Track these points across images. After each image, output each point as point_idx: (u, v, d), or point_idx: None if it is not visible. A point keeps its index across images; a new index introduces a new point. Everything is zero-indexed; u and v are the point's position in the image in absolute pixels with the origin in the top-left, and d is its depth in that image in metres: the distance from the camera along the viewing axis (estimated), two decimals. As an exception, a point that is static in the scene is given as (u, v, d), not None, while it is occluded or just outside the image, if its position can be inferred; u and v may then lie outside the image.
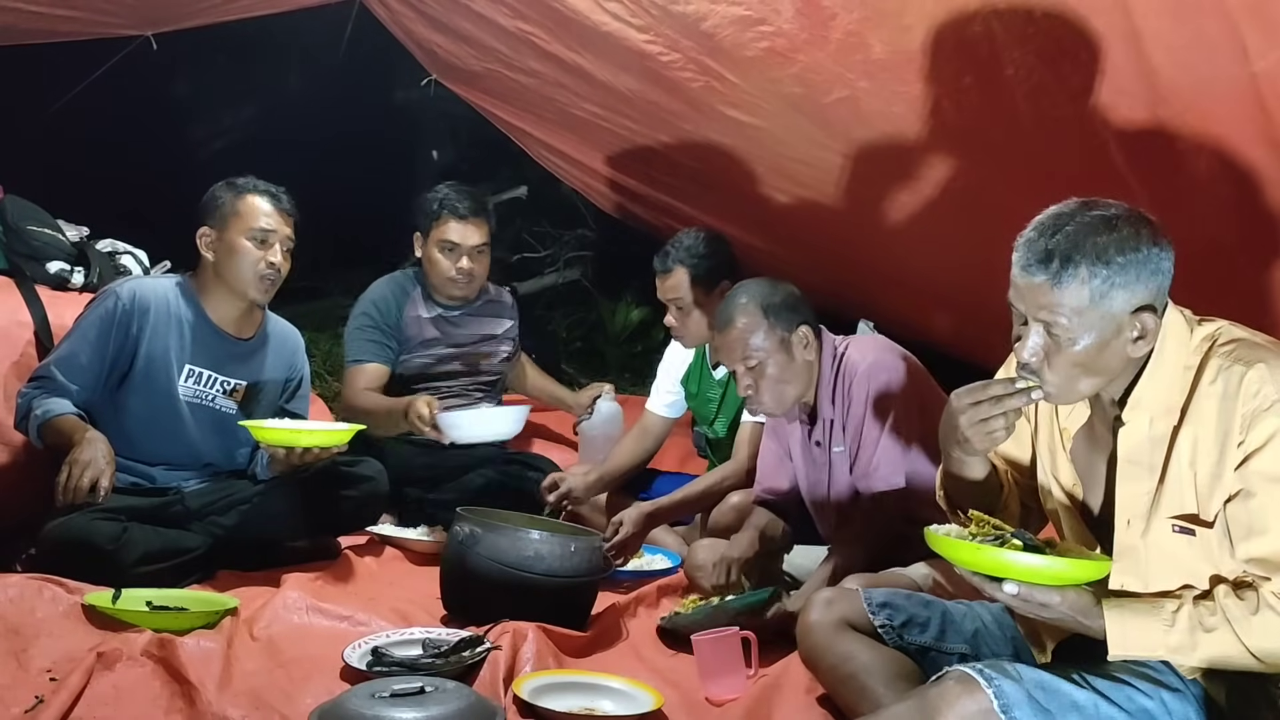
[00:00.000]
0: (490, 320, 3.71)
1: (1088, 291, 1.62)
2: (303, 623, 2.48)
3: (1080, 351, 1.65)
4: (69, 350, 2.80)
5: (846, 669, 2.03)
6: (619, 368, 5.47)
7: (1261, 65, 2.14)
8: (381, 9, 4.09)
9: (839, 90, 2.89)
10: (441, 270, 3.50)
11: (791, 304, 2.63)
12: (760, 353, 2.58)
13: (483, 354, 3.67)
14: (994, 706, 1.59)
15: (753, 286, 2.66)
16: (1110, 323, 1.64)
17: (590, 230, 5.74)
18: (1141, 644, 1.63)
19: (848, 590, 2.17)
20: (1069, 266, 1.62)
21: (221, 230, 2.87)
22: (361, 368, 3.47)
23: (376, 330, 3.51)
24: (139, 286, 2.89)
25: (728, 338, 2.61)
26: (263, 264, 2.86)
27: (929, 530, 1.71)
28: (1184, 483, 1.67)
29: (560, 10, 3.20)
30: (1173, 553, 1.69)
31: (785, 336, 2.60)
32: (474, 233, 3.48)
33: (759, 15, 2.77)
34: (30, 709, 2.03)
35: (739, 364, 2.60)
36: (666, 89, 3.37)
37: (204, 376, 2.91)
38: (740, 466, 3.08)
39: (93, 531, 2.58)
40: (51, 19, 3.72)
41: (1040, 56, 2.48)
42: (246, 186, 2.90)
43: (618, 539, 2.94)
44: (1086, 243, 1.63)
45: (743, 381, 2.62)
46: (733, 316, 2.60)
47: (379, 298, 3.57)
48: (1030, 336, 1.68)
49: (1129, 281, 1.63)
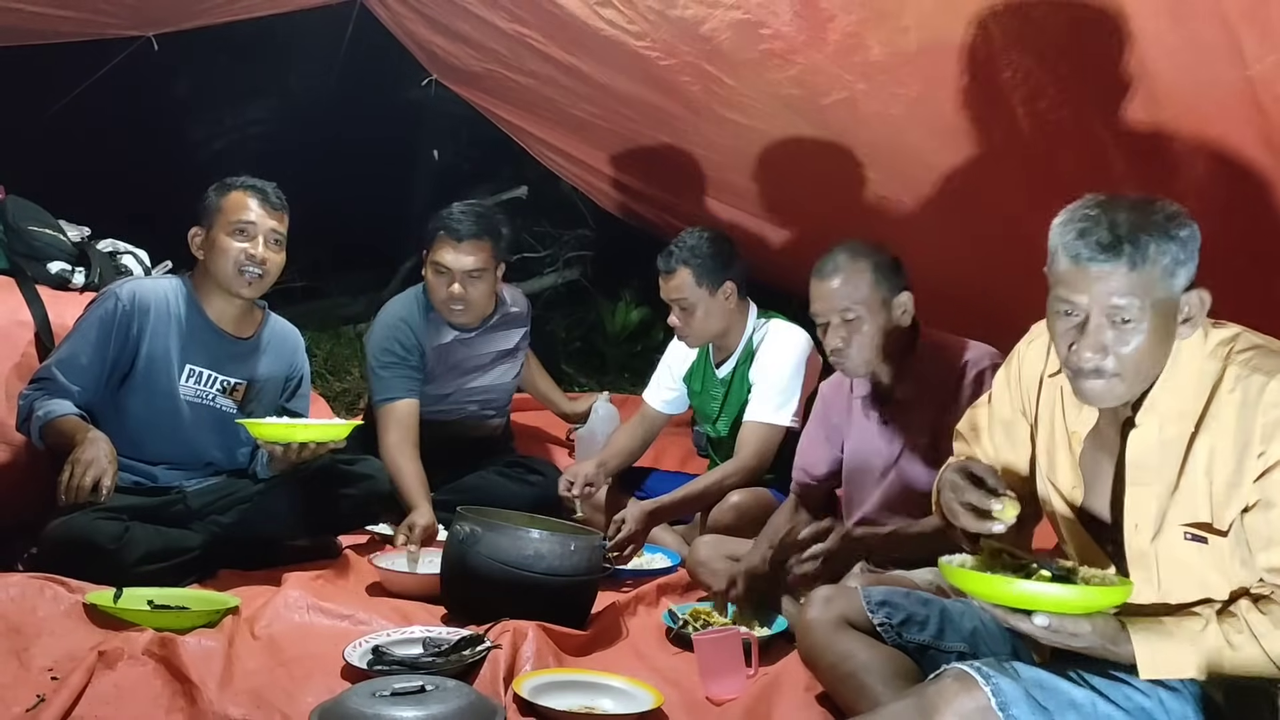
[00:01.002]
0: (503, 334, 3.58)
1: (1159, 270, 1.60)
2: (304, 621, 2.48)
3: (1145, 340, 1.62)
4: (70, 351, 2.81)
5: (845, 667, 2.04)
6: (619, 368, 5.48)
7: (1258, 69, 2.15)
8: (382, 9, 4.09)
9: (837, 92, 2.90)
10: (437, 295, 3.37)
11: (897, 267, 2.52)
12: (860, 307, 2.47)
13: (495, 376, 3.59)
14: (991, 704, 1.60)
15: (859, 243, 2.53)
16: (1172, 304, 1.63)
17: (590, 230, 5.74)
18: (1171, 666, 1.62)
19: (847, 588, 2.17)
20: (1139, 247, 1.59)
21: (209, 228, 2.88)
22: (392, 407, 3.30)
23: (402, 364, 3.36)
24: (139, 287, 2.89)
25: (828, 286, 2.48)
26: (243, 256, 2.83)
27: (944, 564, 1.67)
28: (1198, 491, 1.66)
29: (557, 15, 3.20)
30: (1184, 560, 1.68)
31: (887, 298, 2.49)
32: (469, 257, 3.30)
33: (757, 18, 2.77)
34: (32, 708, 2.03)
35: (835, 315, 2.49)
36: (664, 91, 3.37)
37: (204, 376, 2.91)
38: (742, 465, 3.08)
39: (94, 531, 2.59)
40: (52, 19, 3.71)
41: (1038, 59, 2.48)
42: (234, 184, 2.90)
43: (619, 537, 2.94)
44: (1148, 221, 1.60)
45: (835, 335, 2.49)
46: (839, 266, 2.48)
47: (396, 328, 3.40)
48: (1090, 333, 1.64)
49: (1188, 257, 1.61)
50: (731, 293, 3.18)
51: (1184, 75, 2.29)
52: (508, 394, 3.70)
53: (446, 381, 3.50)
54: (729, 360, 3.28)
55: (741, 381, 3.23)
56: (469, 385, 3.55)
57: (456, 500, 3.01)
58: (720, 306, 3.17)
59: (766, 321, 3.26)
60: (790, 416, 3.12)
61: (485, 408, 3.61)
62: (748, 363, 3.22)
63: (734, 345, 3.26)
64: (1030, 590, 1.55)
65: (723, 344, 3.28)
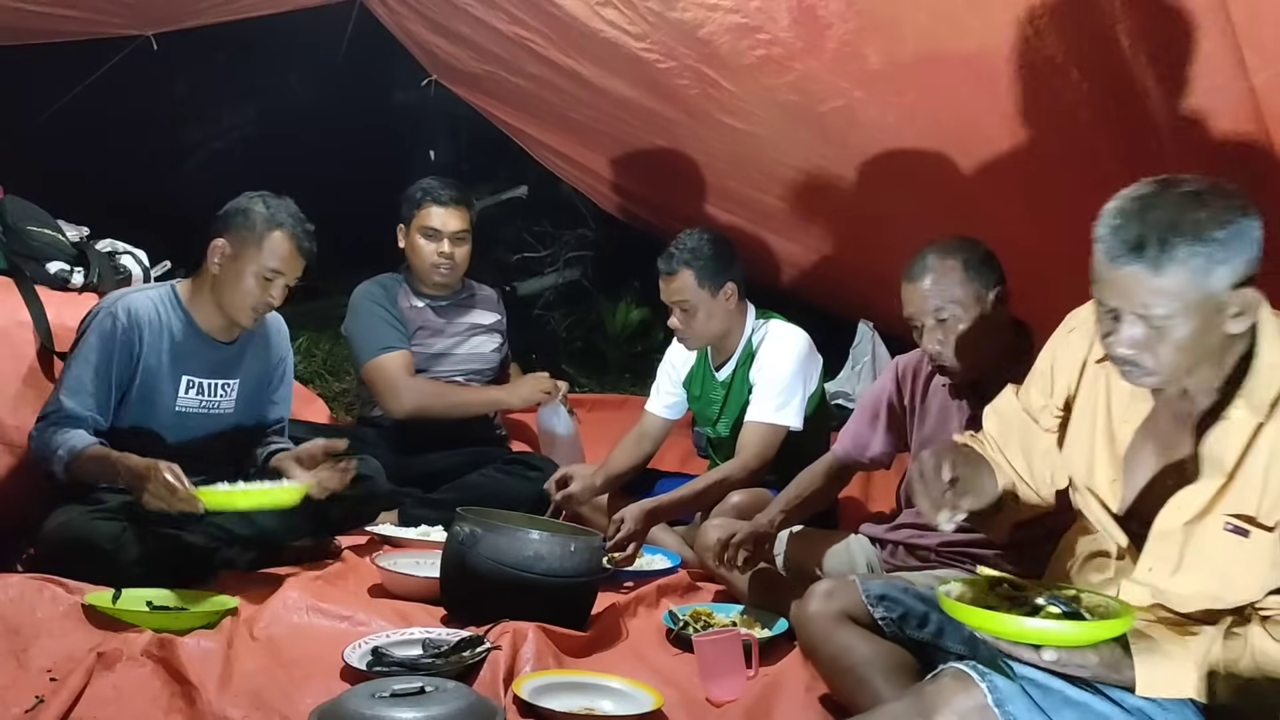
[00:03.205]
0: (478, 311, 3.78)
1: (1189, 274, 1.53)
2: (303, 623, 2.48)
3: (1185, 337, 1.57)
4: (75, 377, 2.75)
5: (845, 662, 2.04)
6: (619, 368, 5.47)
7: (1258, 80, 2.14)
8: (381, 9, 4.10)
9: (834, 99, 2.90)
10: (424, 256, 3.58)
11: (990, 261, 2.39)
12: (954, 306, 2.35)
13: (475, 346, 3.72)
14: (988, 702, 1.60)
15: (948, 241, 2.41)
16: (1212, 303, 1.55)
17: (590, 230, 5.74)
18: (1169, 688, 1.61)
19: (846, 582, 2.17)
20: (1167, 249, 1.52)
21: (238, 252, 2.81)
22: (393, 354, 3.52)
23: (389, 314, 3.59)
24: (132, 302, 2.84)
25: (919, 287, 2.37)
26: (261, 302, 2.84)
27: (944, 598, 1.66)
28: (1253, 483, 1.62)
29: (557, 16, 3.20)
30: (1215, 549, 1.64)
31: (981, 293, 2.36)
32: (455, 219, 3.58)
33: (755, 23, 2.77)
34: (30, 709, 2.03)
35: (928, 316, 2.37)
36: (663, 95, 3.37)
37: (204, 385, 2.91)
38: (742, 466, 3.07)
39: (93, 531, 2.59)
40: (51, 19, 3.71)
41: (1033, 71, 2.48)
42: (279, 218, 2.82)
43: (619, 537, 2.93)
44: (1182, 221, 1.53)
45: (931, 337, 2.38)
46: (928, 266, 2.37)
47: (374, 292, 3.65)
48: (1124, 329, 1.60)
49: (1229, 257, 1.53)
50: (732, 294, 3.17)
51: (1183, 87, 2.28)
52: (491, 367, 3.78)
53: (426, 345, 3.64)
54: (729, 362, 3.27)
55: (742, 383, 3.22)
56: (450, 353, 3.67)
57: (457, 499, 3.02)
58: (721, 308, 3.17)
59: (765, 322, 3.25)
60: (792, 416, 3.12)
61: (471, 378, 3.70)
62: (748, 364, 3.22)
63: (733, 347, 3.25)
64: (1038, 628, 1.58)
65: (722, 346, 3.28)
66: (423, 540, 3.20)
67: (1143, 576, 1.72)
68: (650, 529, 3.06)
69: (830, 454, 2.81)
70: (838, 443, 2.79)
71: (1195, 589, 1.68)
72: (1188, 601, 1.69)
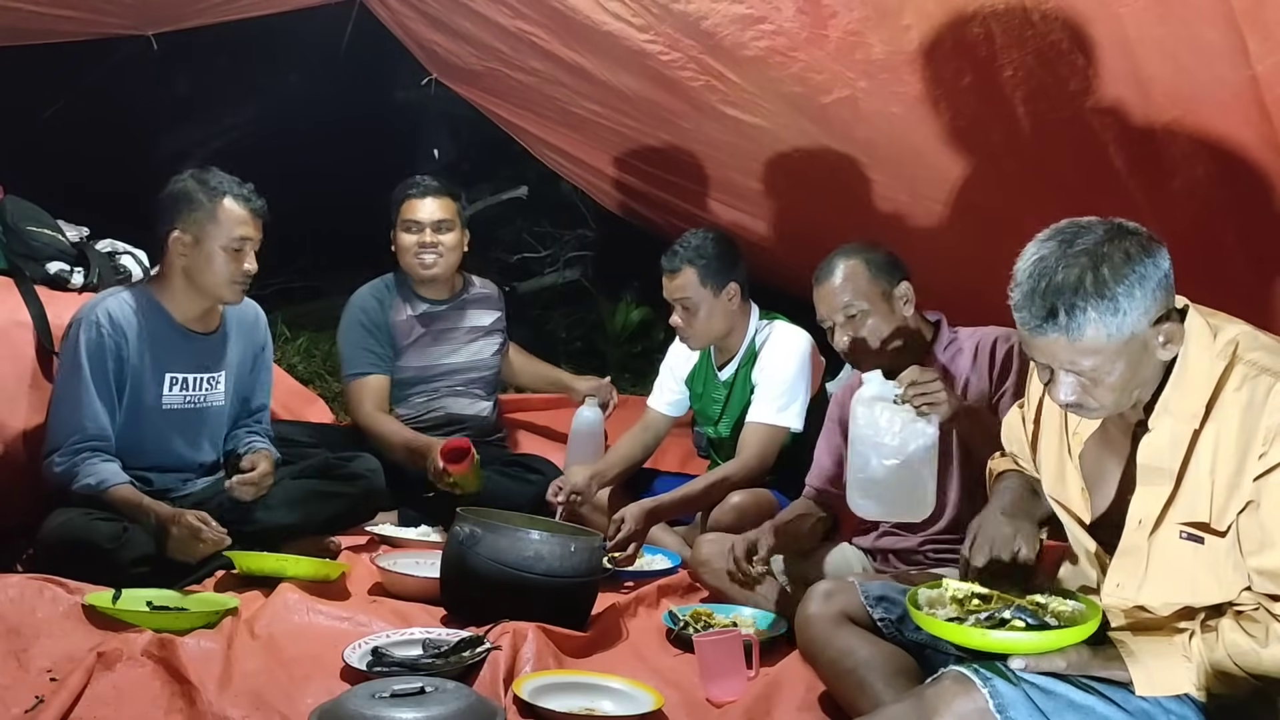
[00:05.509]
0: (477, 313, 3.74)
1: (1104, 329, 1.58)
2: (303, 622, 2.48)
3: (1118, 379, 1.63)
4: (76, 396, 2.76)
5: (845, 663, 2.05)
6: (619, 368, 5.46)
7: (1261, 68, 2.14)
8: (381, 8, 4.09)
9: (838, 90, 2.89)
10: (407, 249, 3.55)
11: (892, 260, 2.54)
12: (861, 302, 2.49)
13: (474, 352, 3.69)
14: (989, 706, 1.61)
15: (852, 244, 2.57)
16: (1136, 342, 1.61)
17: (590, 230, 5.74)
18: (1167, 686, 1.63)
19: (846, 583, 2.18)
20: (1076, 315, 1.57)
21: (198, 236, 2.83)
22: (364, 381, 3.52)
23: (370, 338, 3.56)
24: (110, 307, 2.84)
25: (827, 287, 2.51)
26: (239, 273, 2.85)
27: (915, 613, 1.75)
28: (1200, 489, 1.66)
29: (560, 9, 3.19)
30: (1175, 559, 1.68)
31: (886, 290, 2.51)
32: (435, 207, 3.54)
33: (759, 13, 2.77)
34: (30, 709, 2.04)
35: (838, 314, 2.51)
36: (666, 88, 3.37)
37: (188, 380, 2.91)
38: (743, 466, 3.07)
39: (92, 531, 2.59)
40: (51, 19, 3.71)
41: (1039, 59, 2.48)
42: (220, 189, 2.84)
43: (620, 536, 2.93)
44: (1083, 283, 1.57)
45: (842, 334, 2.51)
46: (834, 267, 2.52)
47: (363, 305, 3.61)
48: (1061, 382, 1.65)
49: (1138, 303, 1.58)
50: (735, 294, 3.17)
51: (1185, 76, 2.29)
52: (492, 372, 3.76)
53: (425, 353, 3.60)
54: (731, 362, 3.27)
55: (744, 383, 3.22)
56: (448, 361, 3.64)
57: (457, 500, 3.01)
58: (724, 307, 3.17)
59: (769, 323, 3.25)
60: (793, 417, 3.11)
61: (472, 385, 3.68)
62: (750, 364, 3.21)
63: (736, 347, 3.25)
64: (1001, 639, 1.66)
65: (725, 346, 3.27)
66: (422, 540, 3.21)
67: (1111, 592, 1.75)
68: (650, 529, 3.06)
69: (805, 491, 2.82)
70: (809, 477, 2.82)
71: (1163, 599, 1.71)
72: (1161, 609, 1.72)
